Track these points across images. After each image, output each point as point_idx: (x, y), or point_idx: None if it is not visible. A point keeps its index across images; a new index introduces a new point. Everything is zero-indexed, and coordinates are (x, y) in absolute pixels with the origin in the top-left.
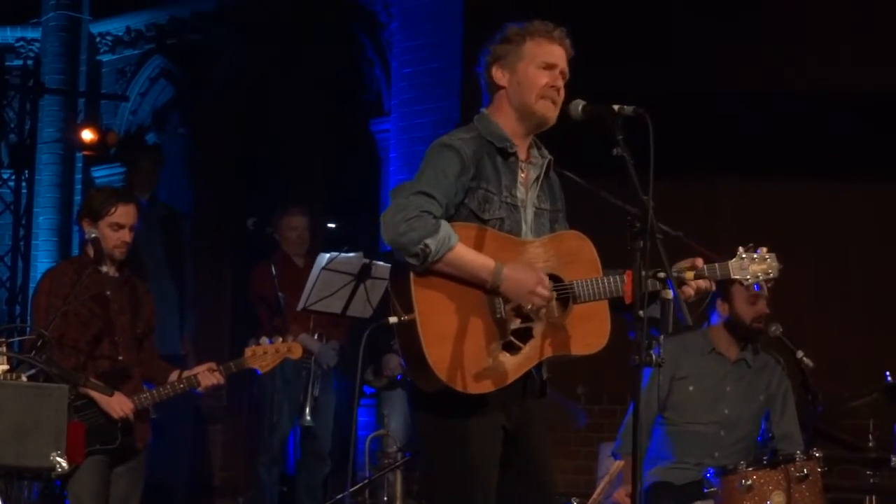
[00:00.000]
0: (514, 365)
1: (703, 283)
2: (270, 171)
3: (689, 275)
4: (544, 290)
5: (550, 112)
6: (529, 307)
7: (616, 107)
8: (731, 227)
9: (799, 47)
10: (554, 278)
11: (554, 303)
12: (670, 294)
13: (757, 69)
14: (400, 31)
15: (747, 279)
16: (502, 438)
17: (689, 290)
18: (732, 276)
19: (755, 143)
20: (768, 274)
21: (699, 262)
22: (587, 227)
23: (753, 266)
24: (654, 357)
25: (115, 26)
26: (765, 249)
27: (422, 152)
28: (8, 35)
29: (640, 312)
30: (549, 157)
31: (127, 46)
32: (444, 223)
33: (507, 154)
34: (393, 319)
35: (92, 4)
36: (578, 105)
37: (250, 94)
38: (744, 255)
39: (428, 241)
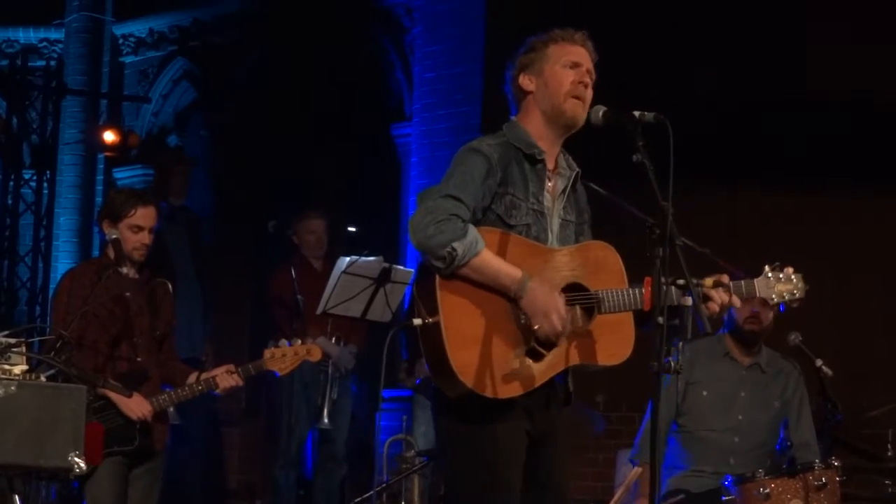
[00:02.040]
0: (537, 371)
1: (726, 298)
2: (291, 175)
3: (708, 282)
4: (557, 319)
5: (579, 111)
6: (538, 329)
7: (637, 113)
8: (751, 237)
9: (820, 59)
10: (579, 287)
11: (579, 311)
12: (689, 301)
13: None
14: (422, 35)
15: (773, 298)
16: (526, 444)
17: (714, 307)
18: (758, 295)
19: (776, 155)
20: (794, 294)
21: (725, 278)
22: (610, 238)
23: (779, 286)
24: (672, 364)
25: (137, 28)
26: (791, 270)
27: (443, 157)
28: (31, 36)
29: (660, 319)
30: (577, 169)
31: (149, 48)
32: (471, 227)
33: (534, 161)
34: (417, 321)
35: (115, 6)
36: (599, 111)
37: (272, 97)
38: (770, 274)
39: (455, 244)
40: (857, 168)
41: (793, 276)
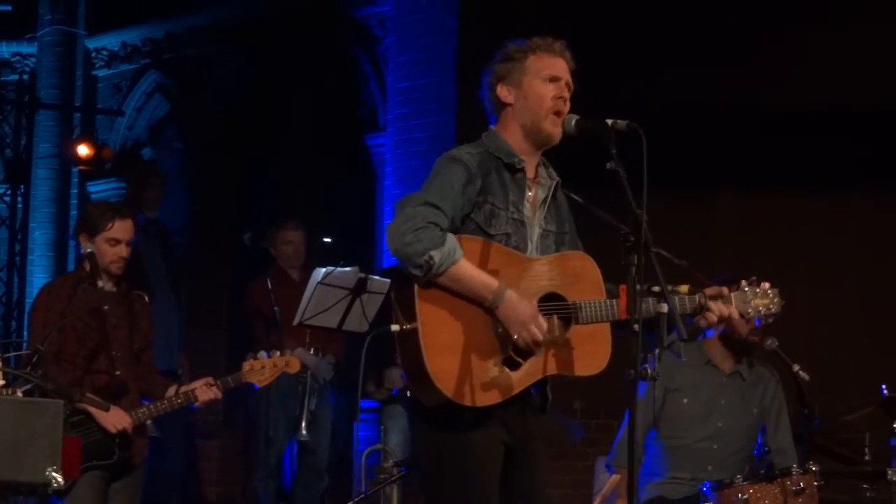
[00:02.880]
0: (514, 380)
1: (726, 311)
2: (266, 186)
3: (683, 288)
4: (536, 329)
5: (557, 129)
6: (516, 338)
7: (609, 121)
8: (728, 242)
9: (795, 65)
10: (557, 297)
11: (556, 321)
12: (664, 307)
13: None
14: (395, 45)
15: (748, 312)
16: (503, 453)
17: (713, 318)
18: (734, 308)
19: (752, 160)
20: (770, 309)
21: (724, 290)
22: (588, 245)
23: (756, 300)
24: (649, 371)
25: (110, 41)
26: (767, 285)
27: (418, 166)
28: (3, 50)
29: (635, 326)
30: (558, 178)
31: (122, 61)
32: (450, 236)
33: (514, 170)
34: (395, 327)
35: (87, 19)
36: (572, 119)
37: (245, 109)
38: (746, 289)
39: (433, 252)
40: (833, 173)
41: (769, 291)
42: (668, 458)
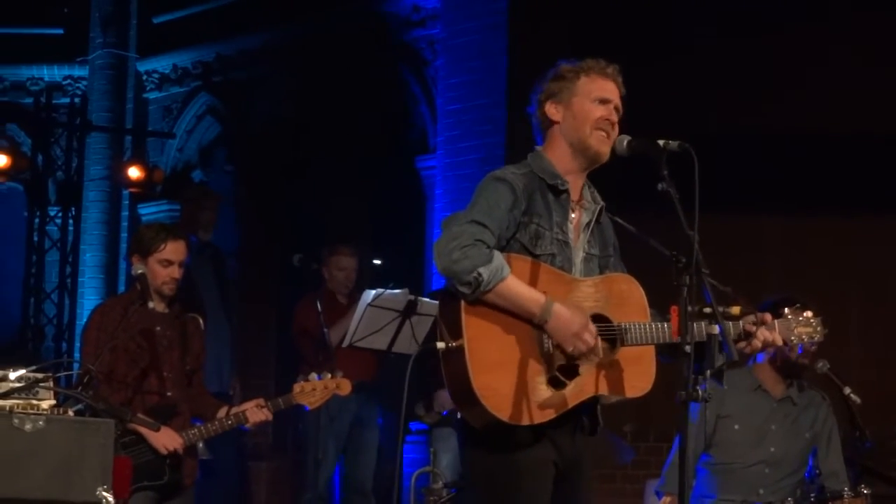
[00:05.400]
0: (559, 399)
1: (769, 337)
2: (316, 208)
3: (735, 310)
4: (589, 336)
5: (604, 146)
6: (570, 350)
7: (661, 142)
8: (776, 263)
9: (841, 87)
10: (602, 318)
11: (601, 343)
12: (716, 329)
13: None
14: (445, 67)
15: (792, 340)
16: (553, 475)
17: (758, 344)
18: (777, 335)
19: (800, 181)
20: (812, 338)
21: (768, 317)
22: (634, 269)
23: (799, 328)
24: (700, 392)
25: (161, 64)
26: (810, 314)
27: (468, 189)
28: (55, 73)
29: (687, 348)
30: (602, 203)
31: (173, 84)
32: (497, 253)
33: (558, 192)
34: (440, 345)
35: (138, 43)
36: (623, 140)
37: (296, 131)
38: (790, 317)
39: (481, 269)
40: (882, 192)
41: (812, 320)
42: (719, 481)
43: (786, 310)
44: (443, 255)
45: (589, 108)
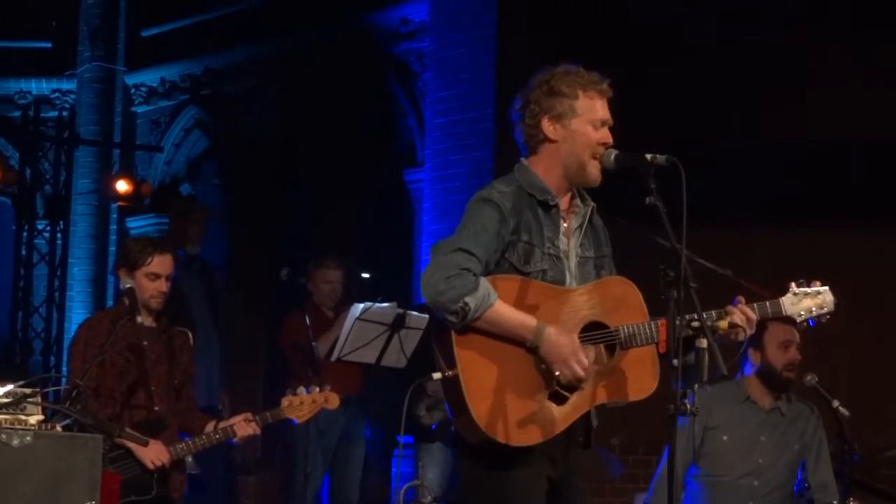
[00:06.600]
0: (561, 415)
1: (749, 313)
2: (304, 221)
3: (723, 324)
4: (577, 365)
5: (598, 173)
6: (558, 374)
7: (649, 156)
8: (764, 275)
9: (826, 94)
10: (598, 325)
11: (601, 350)
12: (704, 343)
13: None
14: (433, 80)
15: (801, 315)
16: (546, 489)
17: (735, 319)
18: (785, 314)
19: (787, 191)
20: (822, 309)
21: (742, 303)
22: (632, 272)
23: (807, 301)
24: (688, 406)
25: (149, 77)
26: (818, 283)
27: (456, 202)
28: (43, 87)
29: (675, 361)
30: (592, 203)
31: (161, 97)
32: (483, 280)
33: (548, 206)
34: (437, 375)
35: (126, 56)
36: (611, 154)
37: (284, 145)
38: (797, 291)
39: (467, 299)
40: (869, 202)
41: (820, 290)
42: (708, 493)
43: (791, 285)
44: (429, 287)
45: (589, 134)
